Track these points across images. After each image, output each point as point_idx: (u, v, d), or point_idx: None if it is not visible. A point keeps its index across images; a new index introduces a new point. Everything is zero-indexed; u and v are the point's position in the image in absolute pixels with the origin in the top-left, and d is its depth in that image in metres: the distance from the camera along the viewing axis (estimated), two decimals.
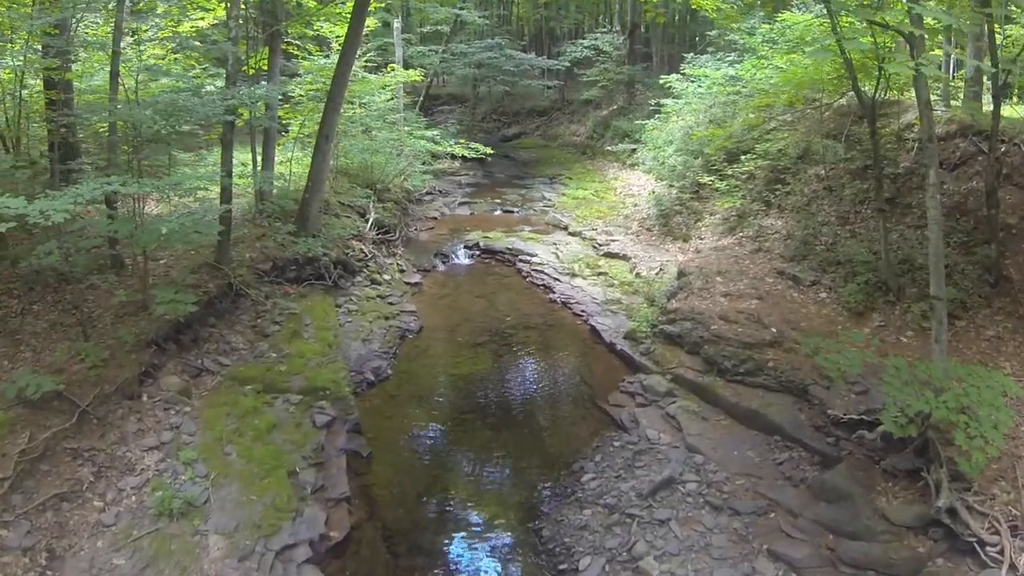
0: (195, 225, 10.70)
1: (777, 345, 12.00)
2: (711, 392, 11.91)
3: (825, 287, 13.61)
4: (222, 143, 13.46)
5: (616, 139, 30.68)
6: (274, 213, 16.58)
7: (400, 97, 26.52)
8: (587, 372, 13.81)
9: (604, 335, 14.87)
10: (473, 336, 15.30)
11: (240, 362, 12.75)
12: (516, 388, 13.35)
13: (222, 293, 13.92)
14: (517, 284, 18.48)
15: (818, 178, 16.72)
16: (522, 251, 19.97)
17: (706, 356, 12.45)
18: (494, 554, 9.39)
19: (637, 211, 22.25)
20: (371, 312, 15.68)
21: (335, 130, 15.93)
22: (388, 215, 20.06)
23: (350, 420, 11.82)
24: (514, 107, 43.55)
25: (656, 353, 13.32)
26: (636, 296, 16.38)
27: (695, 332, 12.82)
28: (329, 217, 17.75)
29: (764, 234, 16.23)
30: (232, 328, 13.67)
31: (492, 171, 32.34)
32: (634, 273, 17.56)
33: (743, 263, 15.13)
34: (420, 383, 13.46)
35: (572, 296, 16.95)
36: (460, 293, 17.84)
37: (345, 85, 15.39)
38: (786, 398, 11.35)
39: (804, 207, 16.23)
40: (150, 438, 10.37)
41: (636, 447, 11.00)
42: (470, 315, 16.42)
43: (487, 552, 9.41)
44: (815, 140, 17.53)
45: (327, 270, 16.00)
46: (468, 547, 9.50)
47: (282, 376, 12.46)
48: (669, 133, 24.35)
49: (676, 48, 39.99)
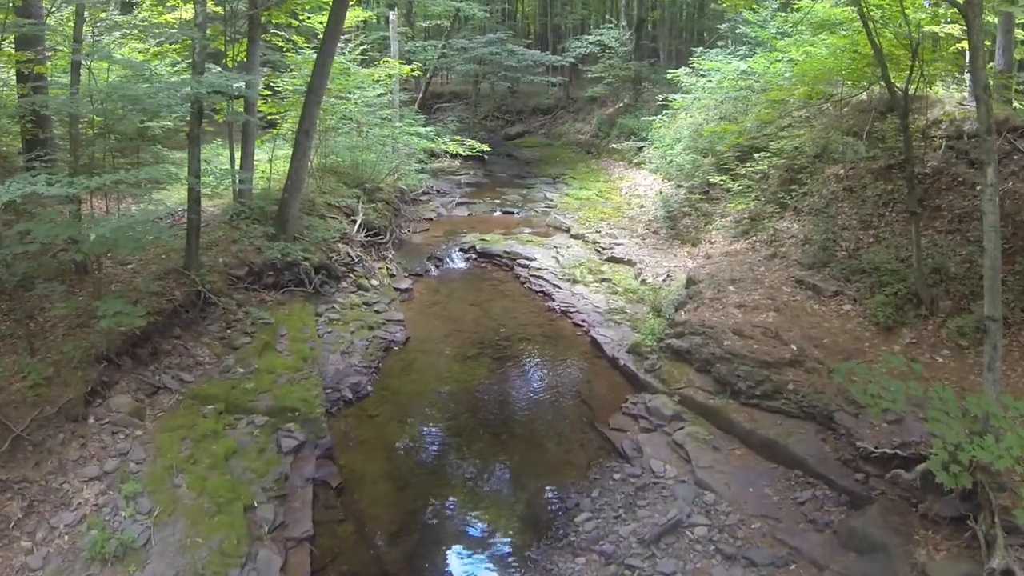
0: (145, 229, 9.47)
1: (798, 364, 10.75)
2: (723, 417, 10.67)
3: (849, 298, 12.35)
4: (188, 139, 12.29)
5: (622, 137, 29.50)
6: (252, 214, 15.42)
7: (396, 93, 25.33)
8: (587, 390, 12.59)
9: (606, 348, 13.65)
10: (464, 348, 14.11)
11: (204, 378, 11.60)
12: (508, 409, 12.13)
13: (189, 302, 12.80)
14: (514, 290, 17.27)
15: (837, 178, 15.48)
16: (521, 255, 18.76)
17: (718, 375, 11.21)
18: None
19: (643, 213, 21.03)
20: (354, 321, 14.49)
21: (316, 125, 14.77)
22: (378, 216, 18.88)
23: (321, 445, 10.63)
24: (517, 105, 42.36)
25: (662, 370, 12.08)
26: (641, 305, 15.15)
27: (706, 348, 11.58)
28: (313, 218, 16.58)
29: (780, 238, 14.99)
30: (198, 340, 12.53)
31: (493, 170, 31.17)
32: (639, 280, 16.33)
33: (758, 270, 13.89)
34: (402, 402, 12.26)
35: (572, 304, 15.73)
36: (453, 300, 16.64)
37: (327, 76, 14.22)
38: (808, 426, 10.10)
39: (822, 209, 14.98)
40: (92, 467, 9.22)
41: (639, 481, 9.77)
42: (462, 325, 15.22)
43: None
44: (834, 137, 16.29)
45: (307, 276, 14.85)
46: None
47: (248, 394, 11.30)
48: (677, 130, 23.14)
49: (683, 44, 38.78)
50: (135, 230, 9.36)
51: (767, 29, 20.84)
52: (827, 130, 17.00)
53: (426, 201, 24.86)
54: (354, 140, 19.48)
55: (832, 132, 16.60)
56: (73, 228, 8.98)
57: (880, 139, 15.47)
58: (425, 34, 41.55)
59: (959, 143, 14.07)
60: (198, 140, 12.34)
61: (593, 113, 34.84)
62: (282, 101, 18.33)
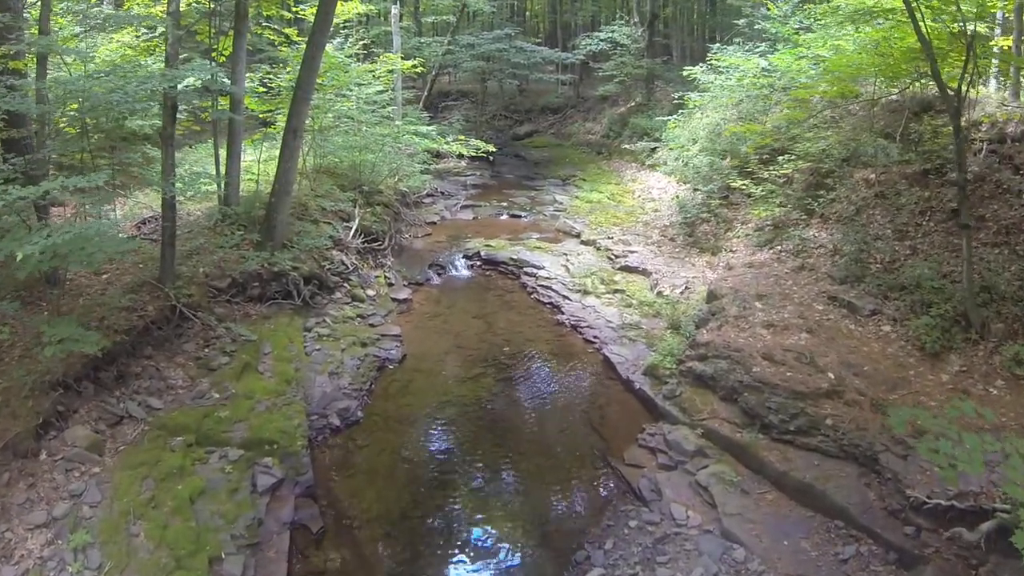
0: (101, 243, 8.35)
1: (836, 396, 9.56)
2: (752, 454, 9.49)
3: (888, 318, 11.16)
4: (161, 139, 11.21)
5: (634, 137, 28.29)
6: (238, 220, 14.33)
7: (399, 90, 24.22)
8: (599, 417, 11.43)
9: (620, 369, 12.49)
10: (465, 367, 12.97)
11: (174, 405, 10.51)
12: (512, 439, 10.95)
13: (163, 317, 11.73)
14: (521, 302, 16.12)
15: (867, 183, 14.28)
16: (528, 262, 17.61)
17: (746, 406, 10.02)
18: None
19: (658, 217, 19.84)
20: (346, 337, 13.37)
21: (305, 124, 13.64)
22: (376, 221, 17.74)
23: (302, 482, 9.54)
24: (526, 104, 41.16)
25: (683, 397, 10.90)
26: (658, 320, 13.99)
27: (732, 375, 10.40)
28: (305, 223, 15.46)
29: (807, 248, 13.82)
30: (172, 360, 11.45)
31: (500, 171, 30.05)
32: (655, 292, 15.14)
33: (785, 284, 12.71)
34: (395, 430, 11.14)
35: (583, 318, 14.57)
36: (455, 312, 15.51)
37: (316, 71, 13.09)
38: (850, 468, 8.92)
39: (853, 217, 13.80)
40: (39, 512, 8.17)
41: (658, 530, 8.62)
42: (464, 340, 14.08)
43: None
44: (864, 139, 15.07)
45: (296, 287, 13.74)
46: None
47: (222, 424, 10.20)
48: (693, 131, 21.93)
49: (695, 41, 37.53)
50: (89, 244, 8.21)
51: (788, 25, 19.68)
52: (856, 131, 15.81)
53: (429, 204, 23.73)
54: (351, 139, 18.35)
55: (862, 133, 15.40)
56: (14, 243, 7.82)
57: (915, 141, 14.28)
58: (433, 31, 40.44)
59: (1002, 147, 12.88)
60: (172, 140, 11.26)
61: (604, 112, 33.62)
62: (274, 98, 17.23)
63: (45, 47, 9.98)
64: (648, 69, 30.55)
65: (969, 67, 10.27)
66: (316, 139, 17.94)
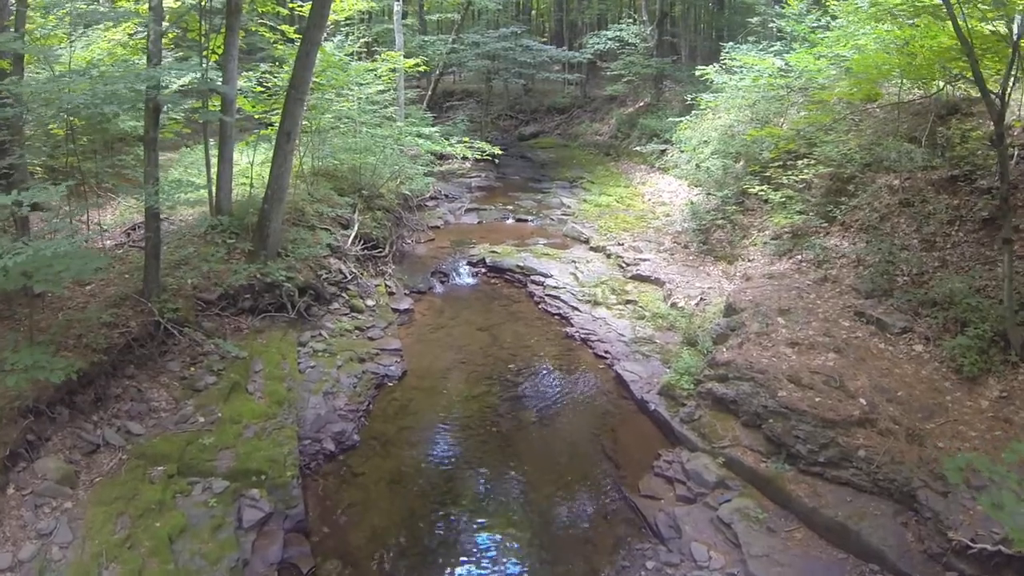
0: (69, 261, 7.65)
1: (869, 424, 8.82)
2: (778, 488, 8.76)
3: (920, 337, 10.41)
4: (143, 144, 10.53)
5: (644, 139, 27.55)
6: (230, 227, 13.64)
7: (401, 89, 23.52)
8: (611, 441, 10.71)
9: (633, 388, 11.76)
10: (469, 385, 12.27)
11: (156, 430, 9.82)
12: (518, 467, 10.22)
13: (146, 334, 11.04)
14: (528, 312, 15.41)
15: (891, 190, 13.53)
16: (535, 270, 16.89)
17: (771, 434, 9.29)
18: None
19: (670, 223, 19.11)
20: (343, 352, 12.68)
21: (299, 125, 12.93)
22: (377, 226, 17.04)
23: (291, 516, 8.85)
24: (532, 104, 40.43)
25: (702, 421, 10.17)
26: (672, 334, 13.27)
27: (755, 399, 9.66)
28: (301, 230, 14.79)
29: (829, 258, 13.09)
30: (155, 380, 10.76)
31: (506, 173, 29.30)
32: (669, 303, 14.40)
33: (807, 297, 11.97)
34: (393, 455, 10.43)
35: (594, 331, 13.85)
36: (458, 324, 14.79)
37: (310, 69, 12.38)
38: (885, 505, 8.18)
39: (876, 225, 13.05)
40: (4, 555, 7.54)
41: (677, 573, 7.91)
42: (468, 354, 13.38)
43: None
44: (887, 143, 14.29)
45: (290, 299, 13.05)
46: None
47: (206, 452, 9.51)
48: (704, 133, 21.18)
49: (704, 40, 36.73)
50: (58, 262, 7.51)
51: (803, 23, 18.92)
52: (877, 135, 15.05)
53: (433, 207, 23.02)
54: (351, 141, 17.64)
55: (884, 137, 14.63)
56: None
57: (942, 146, 13.53)
58: (439, 29, 39.66)
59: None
60: (154, 145, 10.55)
61: (612, 112, 32.87)
62: (271, 99, 16.53)
63: (14, 47, 9.27)
64: (657, 68, 29.79)
65: (1015, 69, 9.50)
66: (314, 141, 17.27)
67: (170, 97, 10.36)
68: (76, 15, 10.25)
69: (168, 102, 10.21)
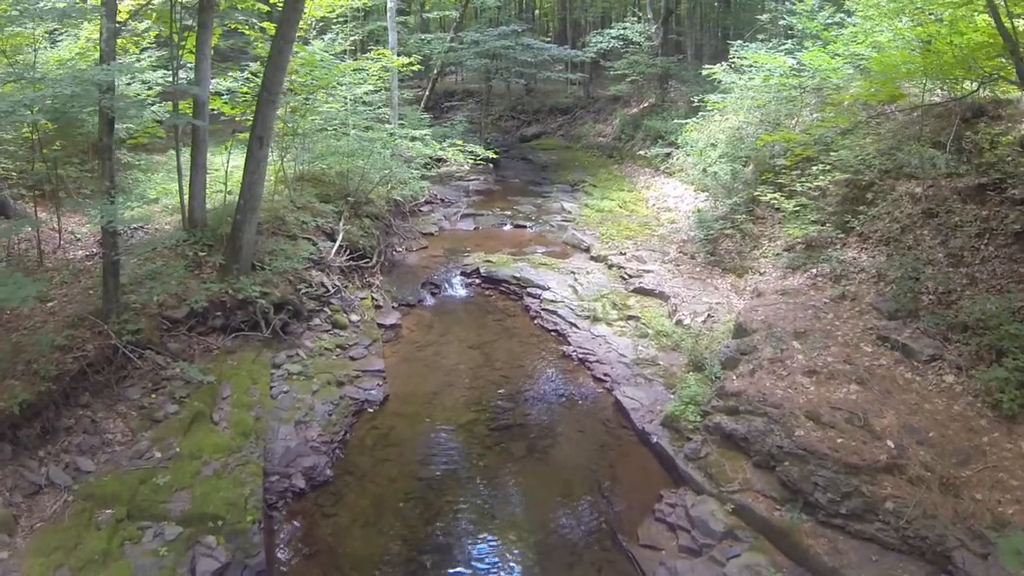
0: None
1: (897, 471, 7.84)
2: (794, 542, 7.79)
3: (951, 365, 9.42)
4: (98, 152, 9.62)
5: (647, 140, 26.54)
6: (202, 238, 12.73)
7: (395, 89, 22.57)
8: (608, 479, 9.74)
9: (634, 416, 10.80)
10: (456, 412, 11.32)
11: (108, 466, 8.93)
12: (505, 507, 9.30)
13: (103, 358, 10.12)
14: (523, 328, 14.46)
15: (912, 198, 12.54)
16: (531, 282, 15.93)
17: (786, 478, 8.32)
18: None
19: (675, 231, 18.11)
20: (321, 374, 11.76)
21: (272, 129, 11.99)
22: (364, 235, 16.09)
23: (252, 566, 7.95)
24: (534, 104, 39.44)
25: (709, 460, 9.20)
26: (677, 354, 12.32)
27: (769, 437, 8.69)
28: (281, 240, 13.86)
29: (847, 273, 12.13)
30: (112, 410, 9.87)
31: (506, 175, 28.39)
32: (674, 320, 13.42)
33: (825, 317, 11.00)
34: (369, 493, 9.49)
35: (592, 351, 12.89)
36: (448, 341, 13.85)
37: (283, 68, 11.45)
38: (915, 566, 7.22)
39: (897, 238, 12.09)
40: None
41: None
42: (456, 376, 12.44)
43: None
44: (909, 147, 13.28)
45: (264, 316, 12.13)
46: None
47: (160, 493, 8.60)
48: (711, 135, 20.20)
49: (710, 39, 35.69)
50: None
51: (816, 20, 17.92)
52: (897, 138, 14.04)
53: (427, 212, 22.08)
54: (336, 144, 16.71)
55: (905, 141, 13.62)
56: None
57: (968, 151, 12.54)
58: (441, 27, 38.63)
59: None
60: (110, 154, 9.64)
61: (615, 113, 31.85)
62: (252, 101, 15.56)
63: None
64: (662, 68, 28.77)
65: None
66: (298, 144, 16.36)
67: (125, 101, 9.42)
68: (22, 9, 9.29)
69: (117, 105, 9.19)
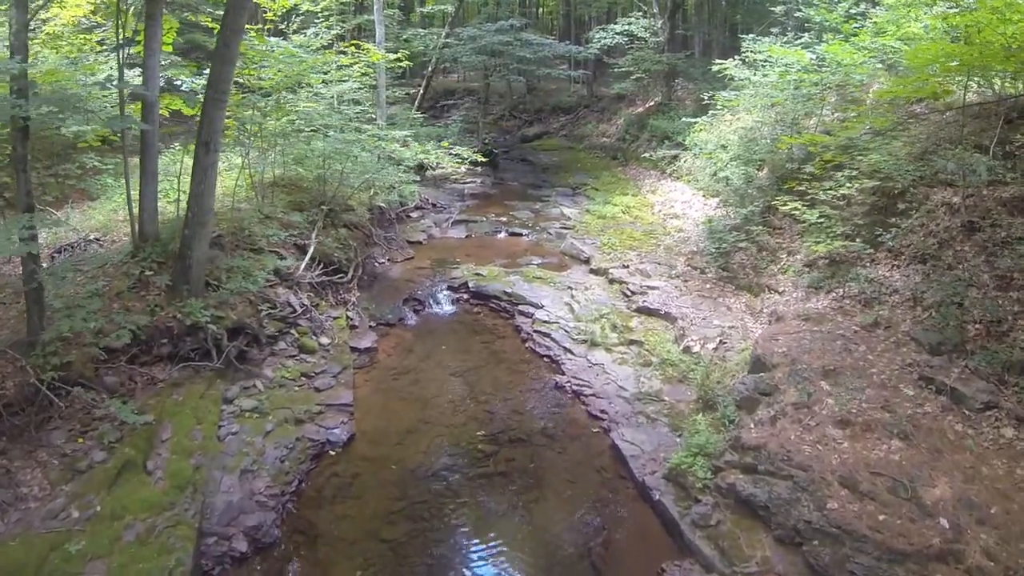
0: None
1: (953, 559, 6.37)
2: None
3: (1010, 417, 7.93)
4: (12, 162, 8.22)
5: (653, 141, 25.07)
6: (152, 255, 11.33)
7: (382, 89, 21.12)
8: (601, 545, 8.24)
9: (633, 465, 9.33)
10: (430, 456, 9.88)
11: (18, 527, 7.57)
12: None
13: (24, 397, 8.74)
14: (512, 352, 13.03)
15: (950, 209, 11.07)
16: (524, 299, 14.49)
17: (816, 561, 6.84)
18: None
19: (683, 241, 16.62)
20: (279, 410, 10.35)
21: (221, 133, 10.55)
22: (340, 246, 14.63)
23: None
24: (536, 103, 38.03)
25: (721, 529, 7.73)
26: (684, 387, 10.86)
27: (795, 509, 7.23)
28: (245, 254, 12.45)
29: (878, 295, 10.68)
30: (31, 457, 8.49)
31: (504, 178, 26.97)
32: (681, 345, 11.94)
33: (856, 350, 9.52)
34: (322, 557, 8.08)
35: (589, 382, 11.44)
36: (429, 367, 12.43)
37: (232, 63, 10.00)
38: None
39: (934, 254, 10.62)
40: None
41: None
42: (435, 411, 11.02)
43: None
44: (950, 151, 11.76)
45: (217, 343, 10.72)
46: None
47: (72, 563, 7.24)
48: (722, 136, 18.74)
49: (721, 34, 34.07)
50: None
51: (836, 11, 16.41)
52: (932, 141, 12.54)
53: (416, 218, 20.66)
54: (307, 148, 15.31)
55: (941, 144, 12.11)
56: None
57: (1014, 156, 11.06)
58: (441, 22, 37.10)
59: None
60: (24, 164, 8.22)
61: (620, 112, 30.36)
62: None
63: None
64: (669, 64, 27.27)
65: None
66: (268, 147, 14.97)
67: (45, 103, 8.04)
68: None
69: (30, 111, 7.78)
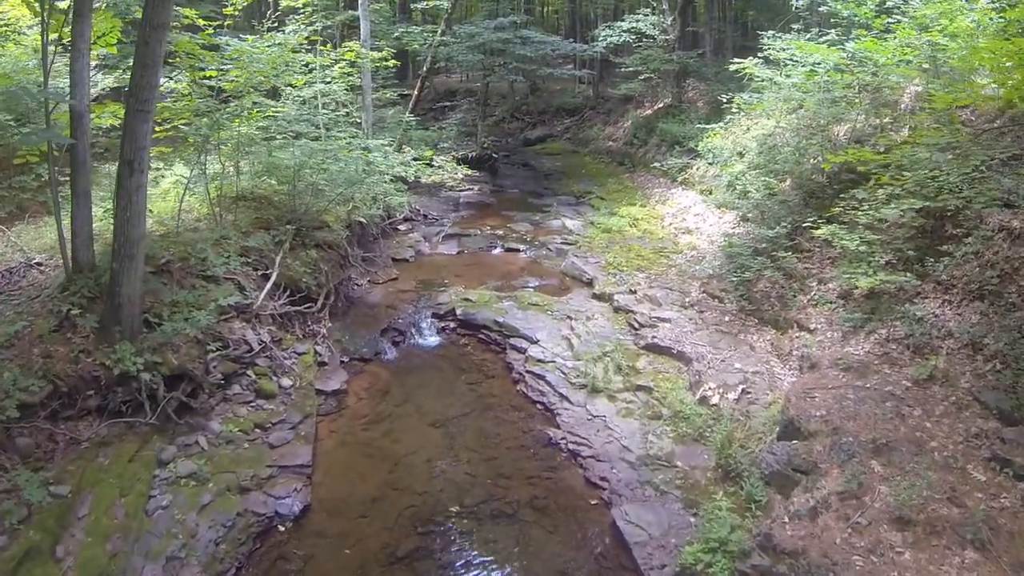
0: None
1: None
2: None
3: None
4: None
5: (663, 147, 23.39)
6: (82, 290, 9.70)
7: (367, 90, 19.50)
8: None
9: (638, 554, 7.67)
10: (396, 535, 8.25)
11: None
12: None
13: None
14: (502, 396, 11.40)
15: (1010, 235, 9.38)
16: (518, 330, 12.83)
17: None
18: None
19: (697, 259, 14.89)
20: (221, 473, 8.75)
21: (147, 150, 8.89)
22: (309, 270, 12.97)
23: None
24: (539, 105, 36.35)
25: None
26: (701, 448, 9.21)
27: None
28: (195, 283, 10.83)
29: (930, 338, 9.01)
30: None
31: (504, 185, 25.36)
32: (697, 395, 10.24)
33: (911, 415, 7.87)
34: None
35: (588, 440, 9.76)
36: (405, 414, 10.81)
37: (156, 66, 8.35)
38: None
39: (993, 288, 8.93)
40: None
41: None
42: (407, 472, 9.40)
43: None
44: (999, 165, 10.05)
45: (152, 394, 9.12)
46: None
47: None
48: (738, 142, 17.06)
49: (735, 31, 32.36)
50: None
51: (864, 5, 14.70)
52: (985, 153, 10.79)
53: (405, 232, 19.03)
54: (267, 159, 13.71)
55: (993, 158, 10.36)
56: None
57: None
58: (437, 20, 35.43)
59: None
60: None
61: (627, 115, 28.64)
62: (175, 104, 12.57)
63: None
64: (679, 63, 25.56)
65: None
66: (235, 158, 13.38)
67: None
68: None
69: None
